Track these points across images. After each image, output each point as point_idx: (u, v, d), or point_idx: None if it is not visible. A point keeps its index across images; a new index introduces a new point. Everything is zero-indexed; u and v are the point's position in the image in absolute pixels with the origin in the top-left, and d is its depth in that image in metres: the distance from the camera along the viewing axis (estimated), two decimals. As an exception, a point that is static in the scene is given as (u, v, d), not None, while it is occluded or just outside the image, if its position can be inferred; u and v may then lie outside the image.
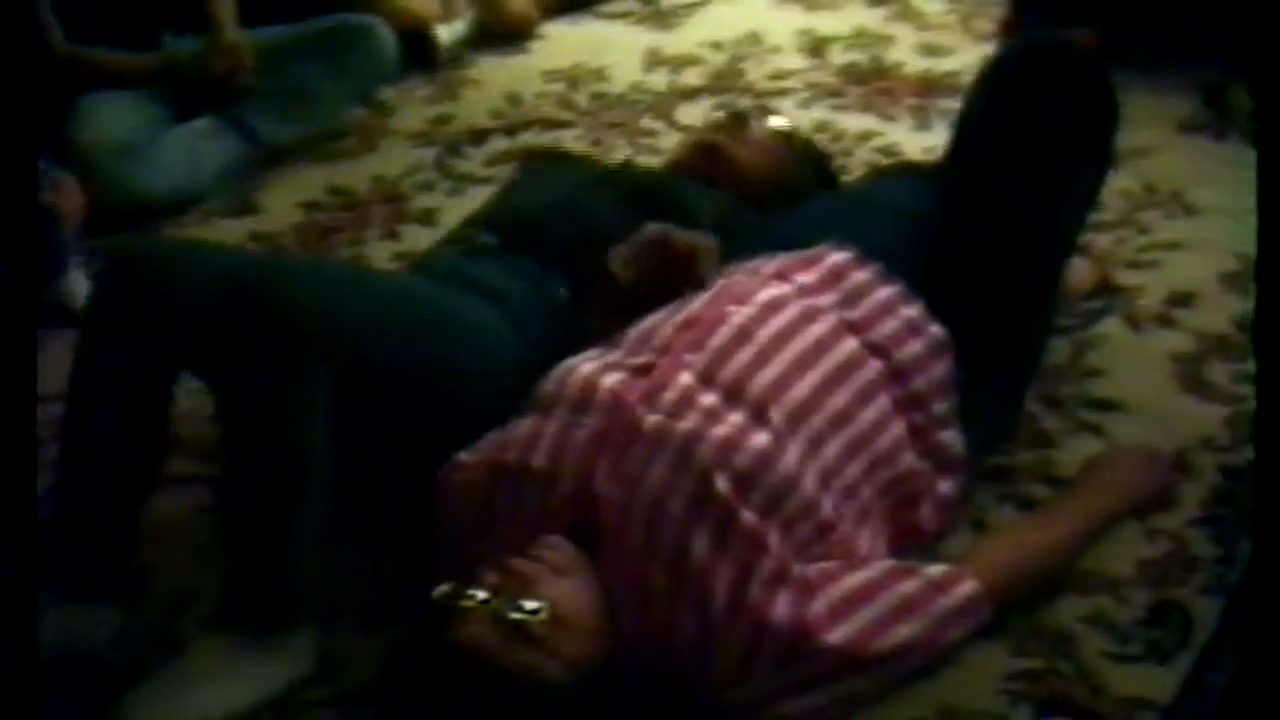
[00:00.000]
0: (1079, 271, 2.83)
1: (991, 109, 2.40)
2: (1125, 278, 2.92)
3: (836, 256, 2.30)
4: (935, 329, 2.25)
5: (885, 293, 2.26)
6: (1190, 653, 2.09)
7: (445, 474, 2.15)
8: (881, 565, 2.05)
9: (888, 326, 2.22)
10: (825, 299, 2.23)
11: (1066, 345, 2.72)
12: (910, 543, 2.18)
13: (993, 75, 2.45)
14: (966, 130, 2.46)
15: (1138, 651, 2.10)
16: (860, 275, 2.28)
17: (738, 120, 2.97)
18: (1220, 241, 3.01)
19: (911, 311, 2.25)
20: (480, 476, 2.11)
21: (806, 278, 2.26)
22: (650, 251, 2.36)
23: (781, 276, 2.27)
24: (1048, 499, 2.37)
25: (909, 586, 2.01)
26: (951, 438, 2.23)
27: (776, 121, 3.03)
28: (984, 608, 2.05)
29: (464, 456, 2.14)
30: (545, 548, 1.92)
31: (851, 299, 2.24)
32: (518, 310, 2.41)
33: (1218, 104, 3.61)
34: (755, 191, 2.76)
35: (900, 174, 3.07)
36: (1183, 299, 2.85)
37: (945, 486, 2.21)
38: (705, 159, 2.83)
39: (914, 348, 2.22)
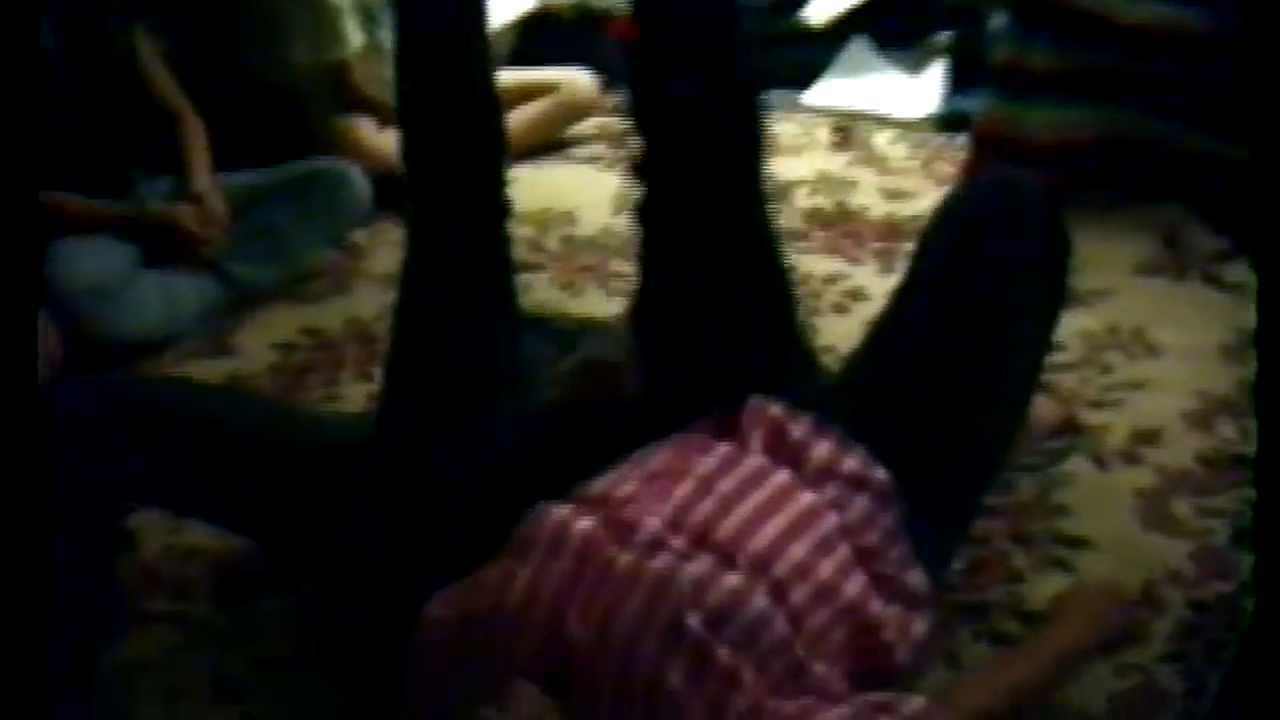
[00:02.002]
0: (1045, 410, 2.88)
1: (944, 243, 2.44)
2: (1090, 416, 2.98)
3: (773, 410, 2.30)
4: (879, 475, 2.25)
5: (822, 448, 2.26)
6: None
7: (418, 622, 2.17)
8: (859, 702, 2.05)
9: (831, 490, 2.22)
10: (778, 454, 2.26)
11: (1034, 483, 2.77)
12: (887, 677, 2.19)
13: (946, 211, 2.51)
14: (919, 264, 2.50)
15: (1111, 786, 2.12)
16: (798, 431, 2.28)
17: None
18: (1182, 380, 3.08)
19: (852, 463, 2.25)
20: (450, 621, 2.12)
21: (754, 431, 2.28)
22: (577, 372, 2.57)
23: (729, 432, 2.29)
24: (1020, 635, 2.41)
25: None
26: (915, 579, 2.23)
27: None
28: None
29: (434, 606, 2.15)
30: (515, 696, 1.93)
31: (797, 455, 2.26)
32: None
33: (1176, 244, 3.69)
34: None
35: None
36: (1147, 436, 2.90)
37: (919, 627, 2.22)
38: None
39: (860, 505, 2.22)
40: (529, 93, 4.73)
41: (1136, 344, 3.24)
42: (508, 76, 4.71)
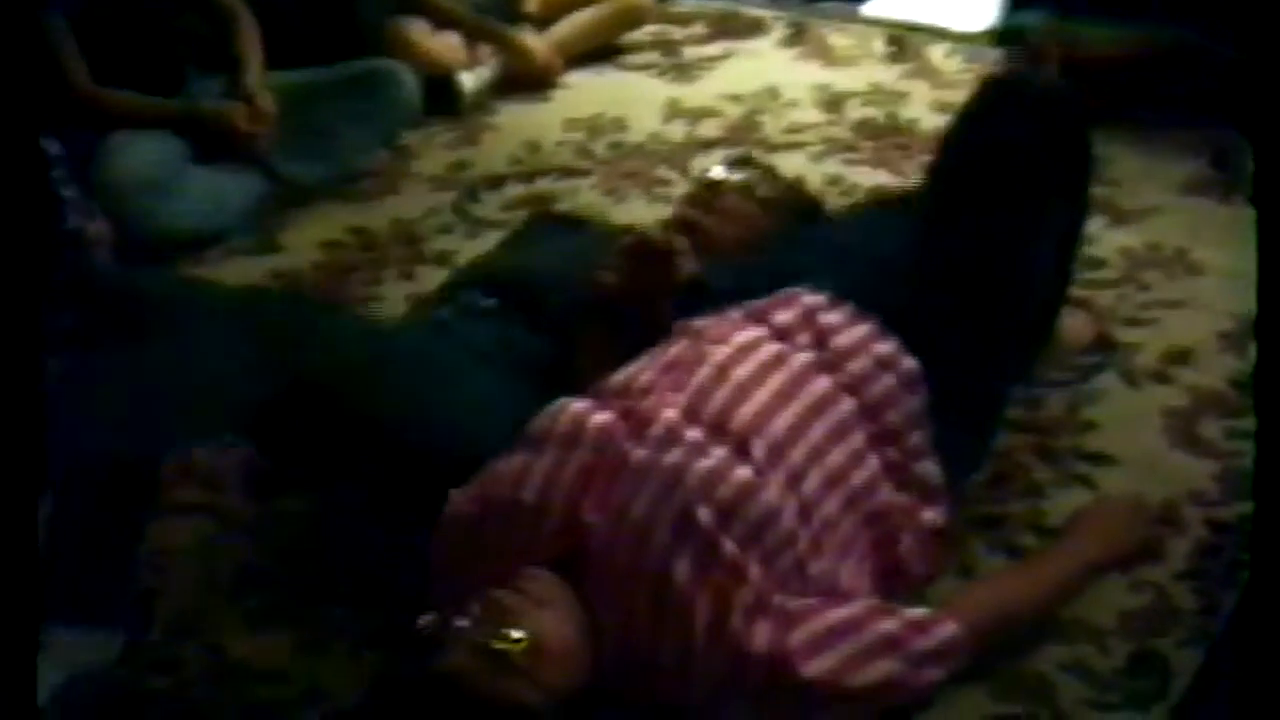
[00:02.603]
0: (1078, 326, 2.88)
1: (963, 142, 2.47)
2: (1124, 334, 2.96)
3: (809, 299, 2.35)
4: (908, 363, 2.30)
5: (857, 331, 2.31)
6: (1168, 703, 2.12)
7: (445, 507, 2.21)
8: (863, 603, 2.09)
9: (858, 364, 2.27)
10: (800, 338, 2.29)
11: (1062, 399, 2.76)
12: (899, 582, 2.22)
13: (968, 110, 2.51)
14: (940, 161, 2.54)
15: (1116, 700, 2.13)
16: (832, 317, 2.33)
17: (710, 189, 2.98)
18: (1220, 301, 3.05)
19: (883, 348, 2.30)
20: (471, 511, 2.17)
21: (782, 317, 2.32)
22: (631, 252, 2.51)
23: (757, 319, 2.33)
24: (1035, 548, 2.41)
25: (889, 625, 2.04)
26: (928, 469, 2.27)
27: (716, 171, 3.04)
28: (963, 651, 2.08)
29: (456, 493, 2.20)
30: (528, 579, 1.98)
31: (823, 338, 2.29)
32: (506, 375, 2.49)
33: (1224, 165, 3.65)
34: (738, 250, 2.79)
35: (878, 207, 3.12)
36: (1180, 356, 2.89)
37: (928, 516, 2.25)
38: (685, 235, 2.87)
39: (885, 383, 2.26)
40: (585, -1, 4.72)
41: (1177, 263, 3.22)
42: (564, -19, 4.74)
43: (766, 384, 2.19)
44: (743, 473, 2.07)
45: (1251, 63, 2.58)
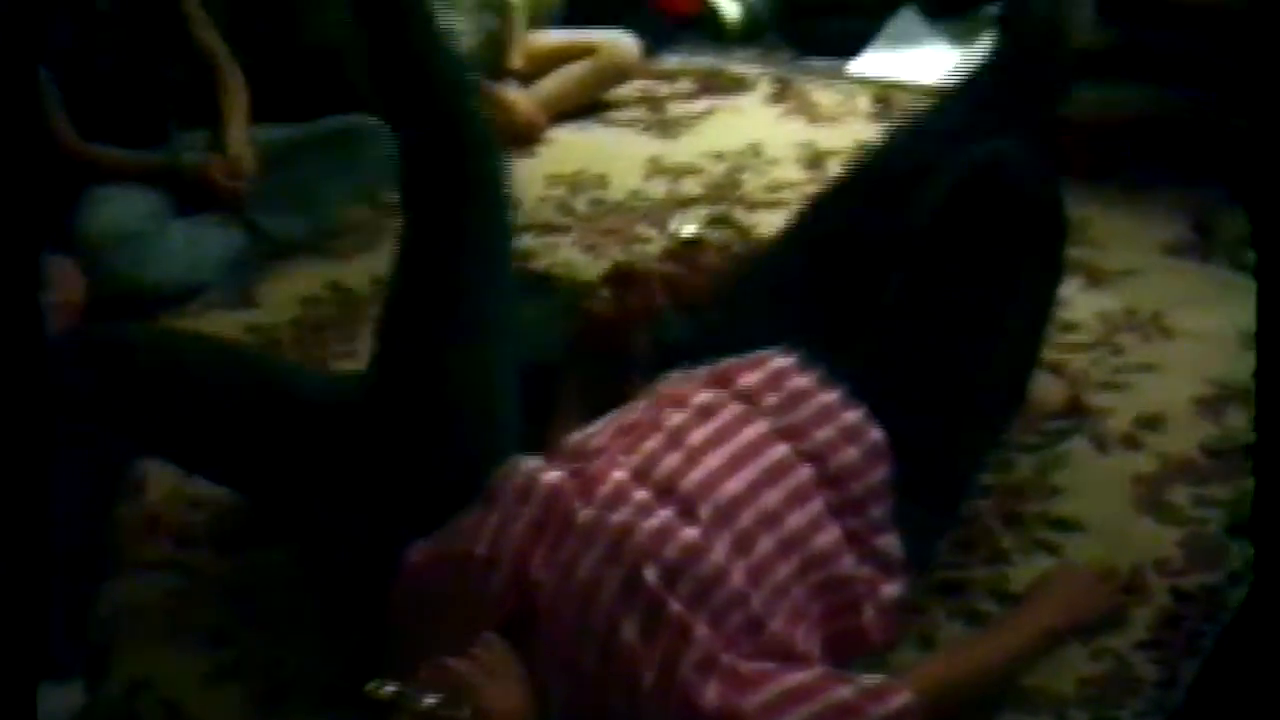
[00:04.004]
0: (1050, 390, 2.86)
1: (940, 214, 2.44)
2: (1096, 399, 2.95)
3: (779, 361, 2.35)
4: (874, 434, 2.28)
5: (825, 398, 2.30)
6: (1125, 775, 2.11)
7: (406, 557, 2.22)
8: (819, 669, 2.08)
9: (823, 434, 2.26)
10: (764, 401, 2.28)
11: (1031, 463, 2.75)
12: (856, 650, 2.20)
13: (949, 175, 2.50)
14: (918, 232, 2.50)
15: (1073, 772, 2.11)
16: (800, 381, 2.32)
17: (688, 246, 3.00)
18: (1195, 365, 3.04)
19: (851, 417, 2.29)
20: (427, 563, 2.18)
21: (747, 380, 2.32)
22: (616, 279, 2.61)
23: (721, 381, 2.33)
24: (998, 616, 2.39)
25: (844, 692, 2.02)
26: (890, 542, 2.25)
27: (688, 230, 3.08)
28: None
29: (414, 552, 2.21)
30: (480, 648, 1.98)
31: (788, 404, 2.29)
32: None
33: (1205, 228, 3.64)
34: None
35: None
36: (1151, 421, 2.87)
37: (888, 590, 2.23)
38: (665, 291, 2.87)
39: (850, 454, 2.25)
40: (571, 54, 4.73)
41: (1152, 326, 3.20)
42: (551, 37, 4.76)
43: (720, 449, 2.19)
44: (689, 533, 2.07)
45: (1252, 127, 2.58)
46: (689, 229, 3.06)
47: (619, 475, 2.14)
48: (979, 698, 2.19)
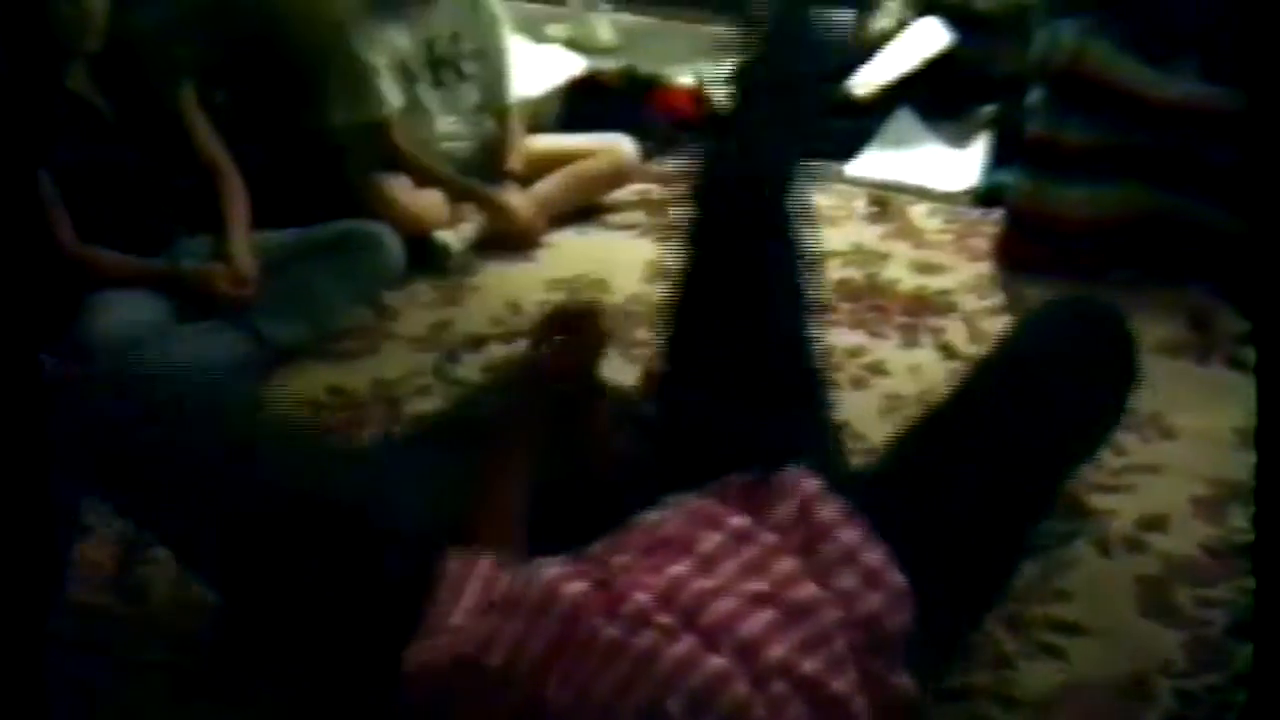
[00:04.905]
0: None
1: (1014, 366, 2.45)
2: (1098, 501, 2.95)
3: (807, 486, 2.30)
4: (897, 579, 2.22)
5: (849, 535, 2.24)
6: None
7: (408, 658, 2.17)
8: None
9: (847, 580, 2.20)
10: (795, 534, 2.24)
11: (1034, 567, 2.74)
12: None
13: (1023, 331, 2.52)
14: (984, 377, 2.50)
15: None
16: (826, 512, 2.27)
17: None
18: (1196, 465, 3.06)
19: (874, 558, 2.22)
20: (441, 664, 2.12)
21: (781, 510, 2.27)
22: (554, 321, 2.50)
23: (754, 505, 2.28)
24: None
25: None
26: (904, 682, 2.19)
27: None
28: None
29: (427, 643, 2.16)
30: None
31: (816, 539, 2.24)
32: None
33: (1201, 327, 3.67)
34: None
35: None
36: (1154, 523, 2.88)
37: None
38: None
39: (872, 602, 2.19)
40: (569, 157, 4.76)
41: (1152, 427, 3.22)
42: (549, 141, 4.81)
43: (748, 583, 2.14)
44: (716, 662, 2.02)
45: (1249, 231, 2.60)
46: None
47: (643, 597, 2.09)
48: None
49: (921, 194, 4.75)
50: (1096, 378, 2.40)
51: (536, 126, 4.94)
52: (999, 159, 4.73)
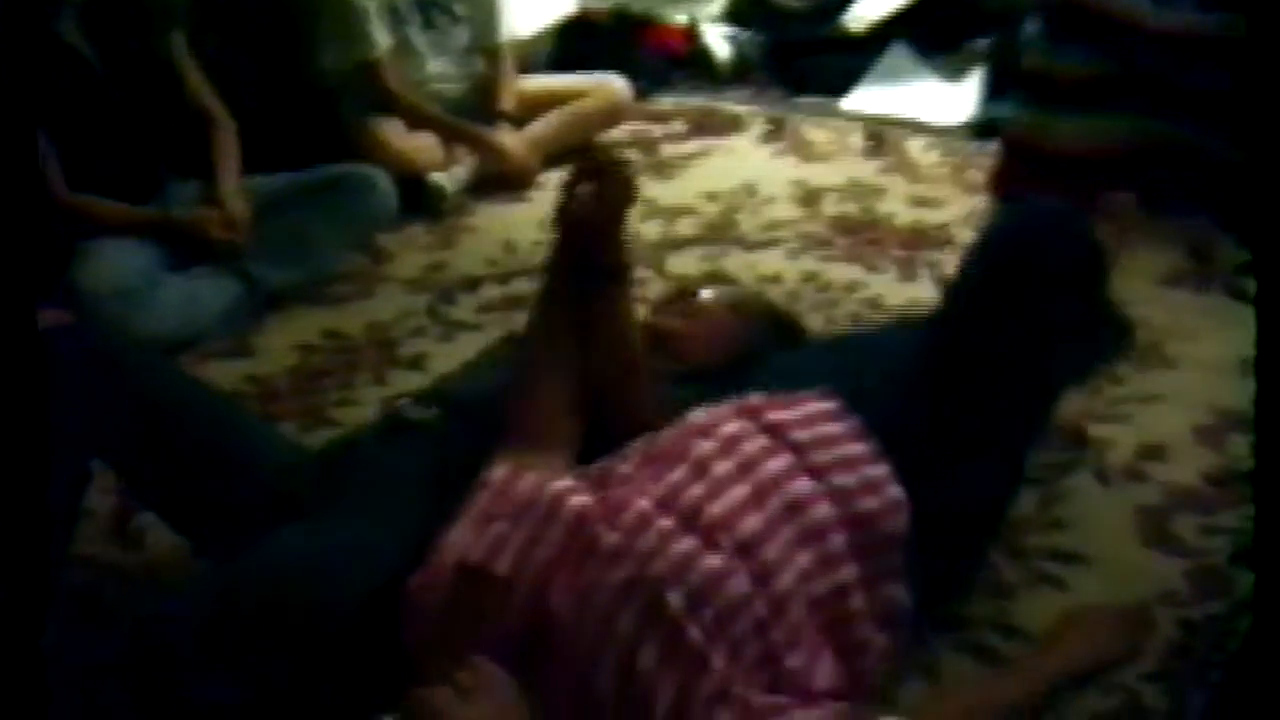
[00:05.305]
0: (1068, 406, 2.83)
1: (986, 264, 2.43)
2: (1098, 431, 2.94)
3: (821, 403, 2.33)
4: (894, 491, 2.24)
5: (853, 448, 2.27)
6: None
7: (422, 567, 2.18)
8: (834, 708, 2.05)
9: (843, 479, 2.22)
10: (792, 436, 2.25)
11: (1035, 497, 2.73)
12: (858, 690, 2.18)
13: (981, 244, 2.49)
14: (961, 282, 2.49)
15: (1083, 805, 2.09)
16: (834, 426, 2.29)
17: (681, 295, 2.97)
18: (1196, 394, 3.04)
19: (875, 471, 2.25)
20: (444, 574, 2.13)
21: (778, 415, 2.29)
22: (590, 172, 2.43)
23: (750, 413, 2.30)
24: (1004, 650, 2.38)
25: None
26: (898, 591, 2.22)
27: (705, 294, 2.97)
28: None
29: (441, 542, 2.17)
30: (466, 670, 1.94)
31: (815, 445, 2.26)
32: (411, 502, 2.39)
33: (1201, 257, 3.64)
34: (709, 362, 2.74)
35: (896, 326, 3.11)
36: (1154, 452, 2.87)
37: (881, 640, 2.21)
38: (652, 341, 2.83)
39: (868, 503, 2.22)
40: (562, 97, 4.74)
41: (1152, 356, 3.19)
42: (541, 81, 4.78)
43: (743, 482, 2.17)
44: (713, 561, 2.05)
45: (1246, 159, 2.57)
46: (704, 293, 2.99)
47: (643, 503, 2.12)
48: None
49: (917, 128, 4.73)
50: (1062, 277, 2.36)
51: (528, 66, 4.91)
52: (995, 91, 4.71)
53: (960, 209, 4.09)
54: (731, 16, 5.59)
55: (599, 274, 2.43)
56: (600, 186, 2.40)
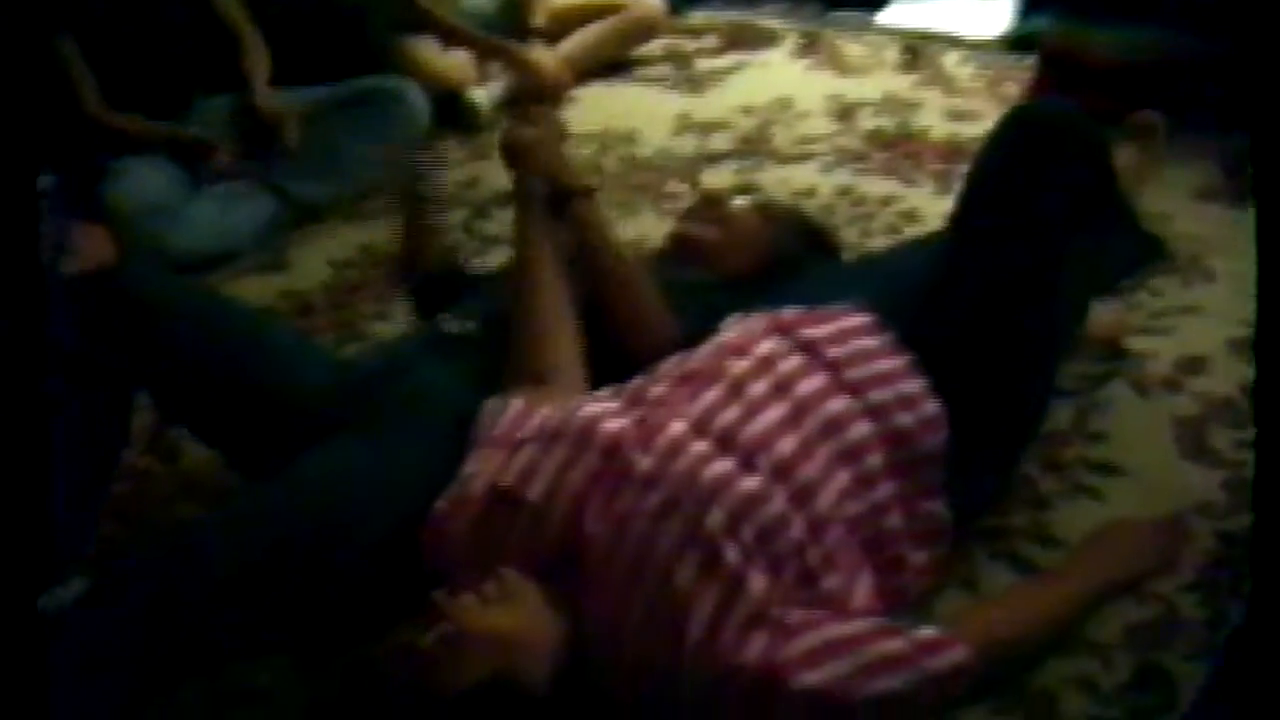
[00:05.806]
0: (1090, 333, 2.83)
1: (990, 171, 2.43)
2: (1136, 343, 2.92)
3: (851, 319, 2.32)
4: (931, 406, 2.25)
5: (889, 363, 2.27)
6: (1173, 718, 2.08)
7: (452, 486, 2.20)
8: (868, 621, 2.05)
9: (880, 395, 2.23)
10: (828, 353, 2.25)
11: (1071, 409, 2.73)
12: (897, 604, 2.18)
13: (994, 140, 2.48)
14: (968, 193, 2.49)
15: (1120, 715, 2.09)
16: (868, 341, 2.29)
17: (710, 203, 2.95)
18: (1233, 307, 3.01)
19: (911, 386, 2.25)
20: (478, 493, 2.15)
21: (812, 331, 2.29)
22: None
23: (785, 328, 2.30)
24: (1041, 560, 2.38)
25: (895, 645, 2.00)
26: (937, 508, 2.23)
27: (739, 201, 2.97)
28: (972, 674, 2.03)
29: (467, 468, 2.19)
30: (493, 581, 1.96)
31: (851, 361, 2.26)
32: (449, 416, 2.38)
33: (1236, 171, 3.61)
34: (741, 270, 2.75)
35: (917, 243, 3.10)
36: (1191, 364, 2.85)
37: (920, 557, 2.21)
38: (683, 249, 2.84)
39: (905, 419, 2.22)
40: (595, 11, 4.71)
41: (1190, 269, 3.17)
42: (577, -5, 4.74)
43: (780, 402, 2.16)
44: (750, 482, 2.05)
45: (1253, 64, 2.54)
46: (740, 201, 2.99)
47: (679, 426, 2.12)
48: (1032, 651, 2.17)
49: (953, 41, 4.68)
50: (1067, 178, 2.36)
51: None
52: (1031, 4, 4.67)
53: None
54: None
55: (558, 198, 2.56)
56: (532, 121, 2.60)
